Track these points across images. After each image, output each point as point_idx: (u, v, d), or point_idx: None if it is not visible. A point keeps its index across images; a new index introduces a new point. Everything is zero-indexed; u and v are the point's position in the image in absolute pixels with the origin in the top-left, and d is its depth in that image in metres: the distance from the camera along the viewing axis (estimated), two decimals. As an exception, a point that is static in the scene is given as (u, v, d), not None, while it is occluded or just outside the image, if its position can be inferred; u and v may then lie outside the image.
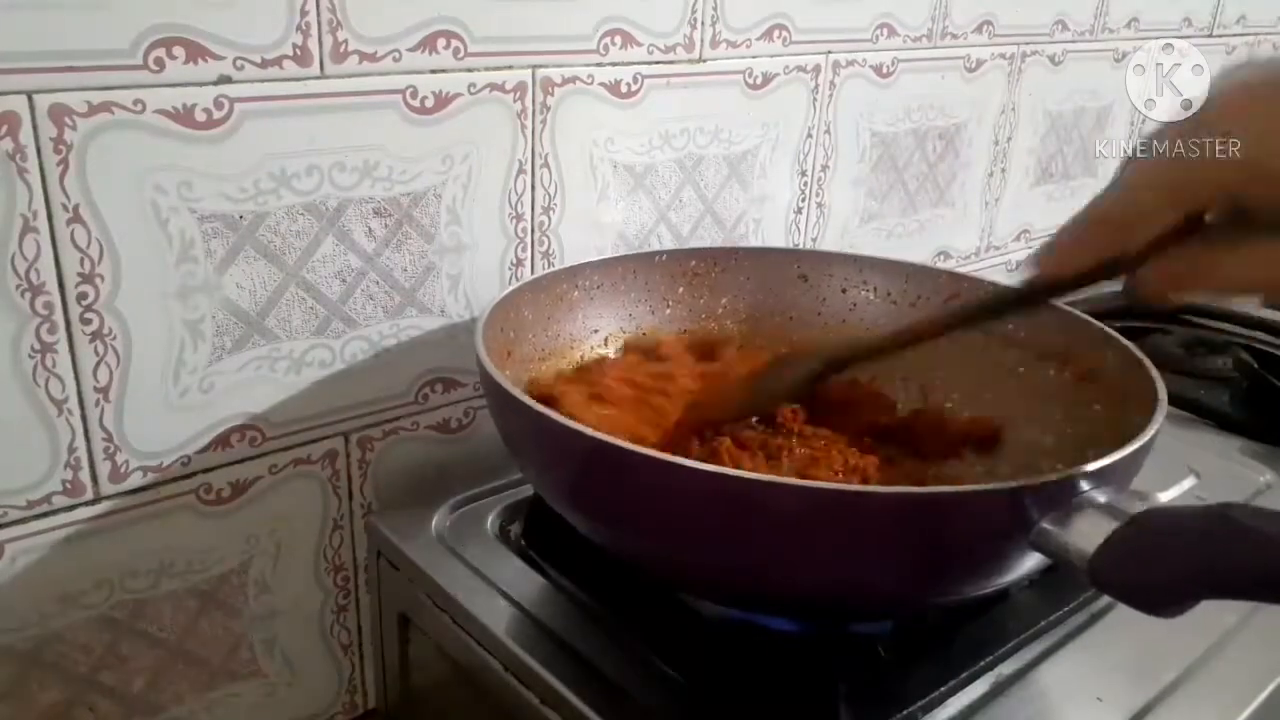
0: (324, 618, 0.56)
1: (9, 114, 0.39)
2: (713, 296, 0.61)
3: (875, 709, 0.41)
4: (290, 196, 0.47)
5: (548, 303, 0.55)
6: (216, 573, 0.51)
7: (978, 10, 0.76)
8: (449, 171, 0.52)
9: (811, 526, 0.35)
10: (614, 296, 0.59)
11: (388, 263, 0.51)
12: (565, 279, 0.56)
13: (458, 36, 0.50)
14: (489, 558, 0.50)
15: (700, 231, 0.65)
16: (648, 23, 0.57)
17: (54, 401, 0.43)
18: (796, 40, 0.65)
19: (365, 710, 0.59)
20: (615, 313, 0.59)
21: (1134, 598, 0.32)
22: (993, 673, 0.44)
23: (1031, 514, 0.34)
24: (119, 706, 0.49)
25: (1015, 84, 0.83)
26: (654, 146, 0.60)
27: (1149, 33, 0.92)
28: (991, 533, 0.36)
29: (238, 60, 0.43)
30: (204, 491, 0.49)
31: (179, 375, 0.46)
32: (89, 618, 0.47)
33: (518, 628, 0.45)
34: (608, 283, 0.58)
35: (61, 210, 0.41)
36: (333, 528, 0.54)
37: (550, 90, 0.54)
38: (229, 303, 0.47)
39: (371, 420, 0.54)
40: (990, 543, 0.36)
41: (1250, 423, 0.68)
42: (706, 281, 0.61)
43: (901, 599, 0.41)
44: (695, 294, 0.61)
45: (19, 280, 0.41)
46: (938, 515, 0.35)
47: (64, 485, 0.45)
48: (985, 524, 0.35)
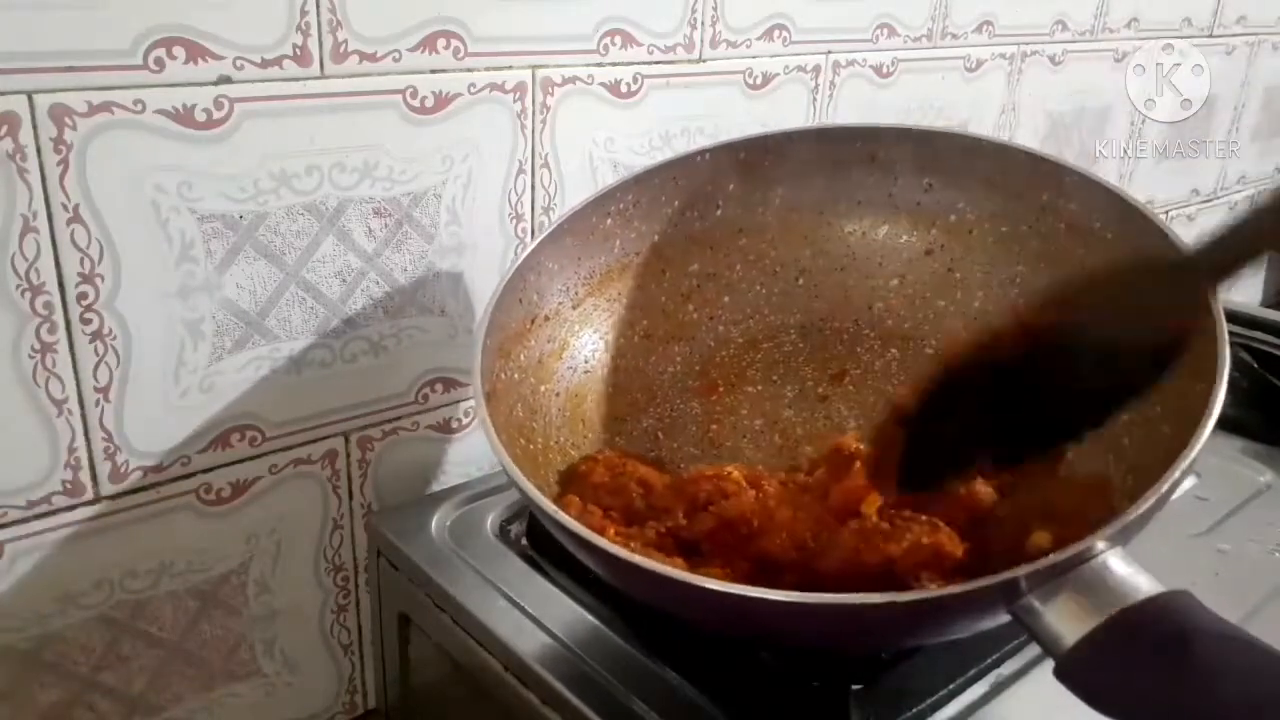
0: (324, 618, 0.56)
1: (9, 114, 0.39)
2: (767, 187, 0.55)
3: (882, 709, 0.41)
4: (290, 196, 0.47)
5: (575, 244, 0.51)
6: (216, 573, 0.51)
7: (978, 10, 0.76)
8: (449, 171, 0.52)
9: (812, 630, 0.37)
10: (654, 210, 0.54)
11: (388, 263, 0.51)
12: (594, 211, 0.52)
13: (457, 36, 0.50)
14: (489, 558, 0.50)
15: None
16: (648, 23, 0.57)
17: (54, 401, 0.43)
18: (796, 40, 0.65)
19: (365, 710, 0.59)
20: (660, 228, 0.54)
21: (1096, 705, 0.31)
22: (993, 673, 0.44)
23: (1021, 589, 0.33)
24: (119, 706, 0.49)
25: (1015, 84, 0.83)
26: (654, 147, 0.60)
27: (1149, 33, 0.92)
28: (978, 615, 0.35)
29: (238, 60, 0.43)
30: (204, 491, 0.49)
31: (179, 375, 0.46)
32: (89, 618, 0.47)
33: (518, 628, 0.45)
34: (646, 199, 0.53)
35: (61, 210, 0.41)
36: (333, 528, 0.54)
37: (550, 90, 0.54)
38: (229, 302, 0.47)
39: (371, 420, 0.54)
40: (974, 620, 0.36)
41: (1250, 423, 0.68)
42: (759, 171, 0.55)
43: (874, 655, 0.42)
44: (749, 186, 0.55)
45: (19, 280, 0.41)
46: (933, 611, 0.34)
47: (64, 485, 0.44)
48: (974, 609, 0.35)
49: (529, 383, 0.50)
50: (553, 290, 0.51)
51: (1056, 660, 0.32)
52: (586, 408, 0.53)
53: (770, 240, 0.56)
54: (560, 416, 0.51)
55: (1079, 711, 0.43)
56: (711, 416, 0.56)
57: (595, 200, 0.52)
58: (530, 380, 0.50)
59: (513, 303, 0.48)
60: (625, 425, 0.54)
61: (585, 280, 0.53)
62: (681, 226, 0.55)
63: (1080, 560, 0.32)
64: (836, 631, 0.37)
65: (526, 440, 0.48)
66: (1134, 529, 0.34)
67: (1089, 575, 0.32)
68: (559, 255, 0.51)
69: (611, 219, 0.53)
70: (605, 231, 0.53)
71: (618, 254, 0.54)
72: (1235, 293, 1.22)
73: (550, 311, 0.51)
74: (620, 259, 0.54)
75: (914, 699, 0.42)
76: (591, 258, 0.53)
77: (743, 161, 0.54)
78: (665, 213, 0.54)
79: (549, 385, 0.51)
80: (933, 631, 0.38)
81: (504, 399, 0.47)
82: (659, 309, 0.56)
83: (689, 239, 0.55)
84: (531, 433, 0.49)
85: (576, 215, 0.51)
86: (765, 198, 0.56)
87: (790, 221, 0.56)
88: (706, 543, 0.44)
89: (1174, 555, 0.52)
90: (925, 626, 0.37)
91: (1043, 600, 0.32)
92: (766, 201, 0.56)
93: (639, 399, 0.55)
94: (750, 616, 0.36)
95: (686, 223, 0.55)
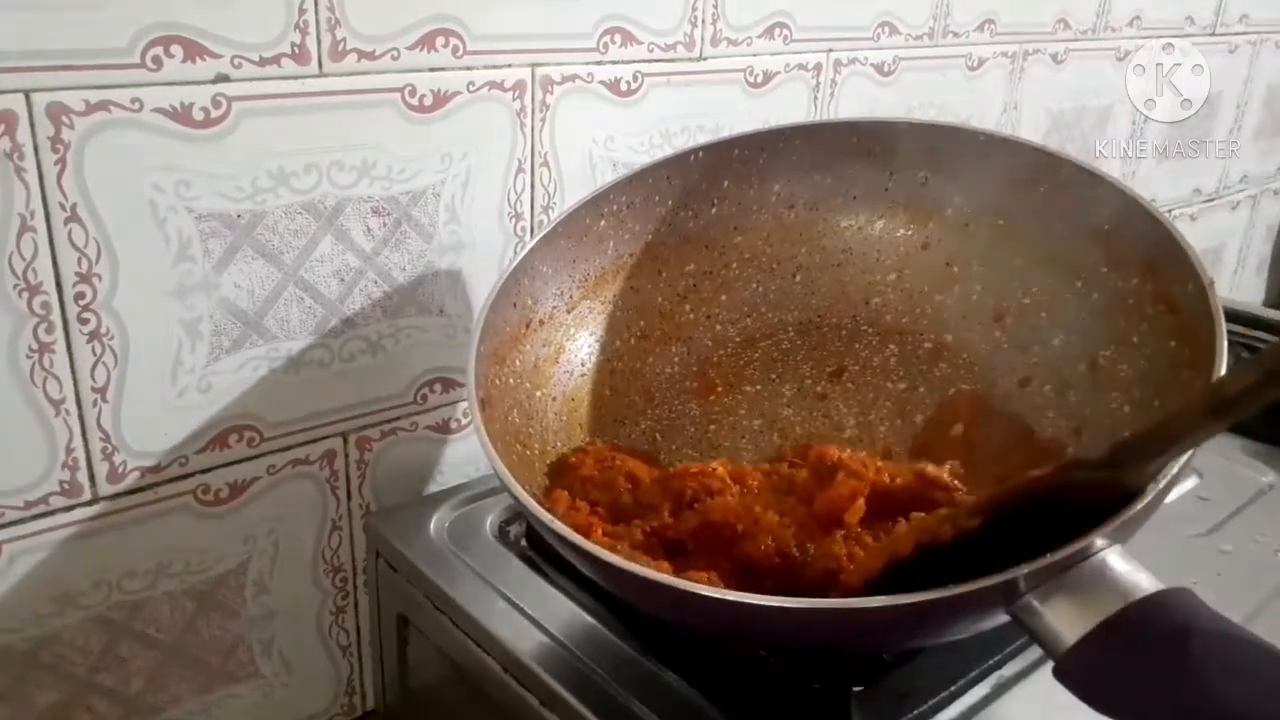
0: (322, 619, 0.56)
1: (6, 113, 0.39)
2: (763, 184, 0.55)
3: (884, 710, 0.41)
4: (288, 195, 0.47)
5: (568, 247, 0.51)
6: (214, 573, 0.50)
7: (979, 9, 0.76)
8: (448, 170, 0.52)
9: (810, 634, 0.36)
10: (648, 210, 0.53)
11: (386, 262, 0.51)
12: (587, 213, 0.51)
13: (456, 35, 0.49)
14: (488, 559, 0.49)
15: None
16: (648, 21, 0.57)
17: (51, 401, 0.43)
18: (797, 38, 0.65)
19: (364, 711, 0.59)
20: (654, 227, 0.54)
21: (1095, 705, 0.31)
22: (994, 675, 0.43)
23: (1020, 589, 0.32)
24: (117, 707, 0.49)
25: (1017, 83, 0.83)
26: (654, 145, 0.60)
27: (1151, 32, 0.92)
28: (977, 615, 0.35)
29: (235, 59, 0.43)
30: (202, 492, 0.49)
31: (177, 375, 0.46)
32: (87, 618, 0.47)
33: (517, 629, 0.45)
34: (639, 199, 0.53)
35: (59, 209, 0.41)
36: (331, 528, 0.54)
37: (549, 89, 0.54)
38: (227, 302, 0.47)
39: (370, 420, 0.54)
40: (975, 621, 0.36)
41: (1250, 423, 0.68)
42: (753, 168, 0.54)
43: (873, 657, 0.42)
44: (743, 184, 0.55)
45: (16, 280, 0.41)
46: (934, 613, 0.34)
47: (61, 486, 0.44)
48: (974, 610, 0.34)
49: (524, 388, 0.50)
50: (547, 294, 0.51)
51: (1056, 660, 0.32)
52: (583, 412, 0.53)
53: (766, 237, 0.56)
54: (557, 421, 0.51)
55: (1080, 713, 0.43)
56: (710, 417, 0.55)
57: (588, 202, 0.51)
58: (526, 385, 0.50)
59: (507, 307, 0.48)
60: (623, 428, 0.54)
61: (580, 283, 0.53)
62: (676, 226, 0.54)
63: (1079, 558, 0.32)
64: (836, 635, 0.37)
65: (523, 446, 0.48)
66: (1133, 526, 0.33)
67: (1088, 573, 0.32)
68: (553, 258, 0.51)
69: (605, 220, 0.52)
70: (599, 233, 0.52)
71: (612, 256, 0.53)
72: (1236, 293, 1.22)
73: (545, 316, 0.51)
74: (615, 261, 0.54)
75: (915, 700, 0.41)
76: (586, 260, 0.52)
77: (737, 159, 0.54)
78: (659, 212, 0.54)
79: (545, 390, 0.51)
80: (933, 633, 0.38)
81: (499, 405, 0.47)
82: (655, 309, 0.55)
83: (684, 238, 0.55)
84: (528, 438, 0.49)
85: (570, 218, 0.51)
86: (760, 195, 0.55)
87: (786, 218, 0.56)
88: (691, 542, 0.44)
89: (1176, 556, 0.51)
90: (926, 628, 0.37)
91: (1041, 600, 0.32)
92: (762, 199, 0.55)
93: (636, 401, 0.54)
94: (747, 622, 0.36)
95: (681, 222, 0.54)
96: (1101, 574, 0.32)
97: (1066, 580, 0.32)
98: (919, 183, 0.54)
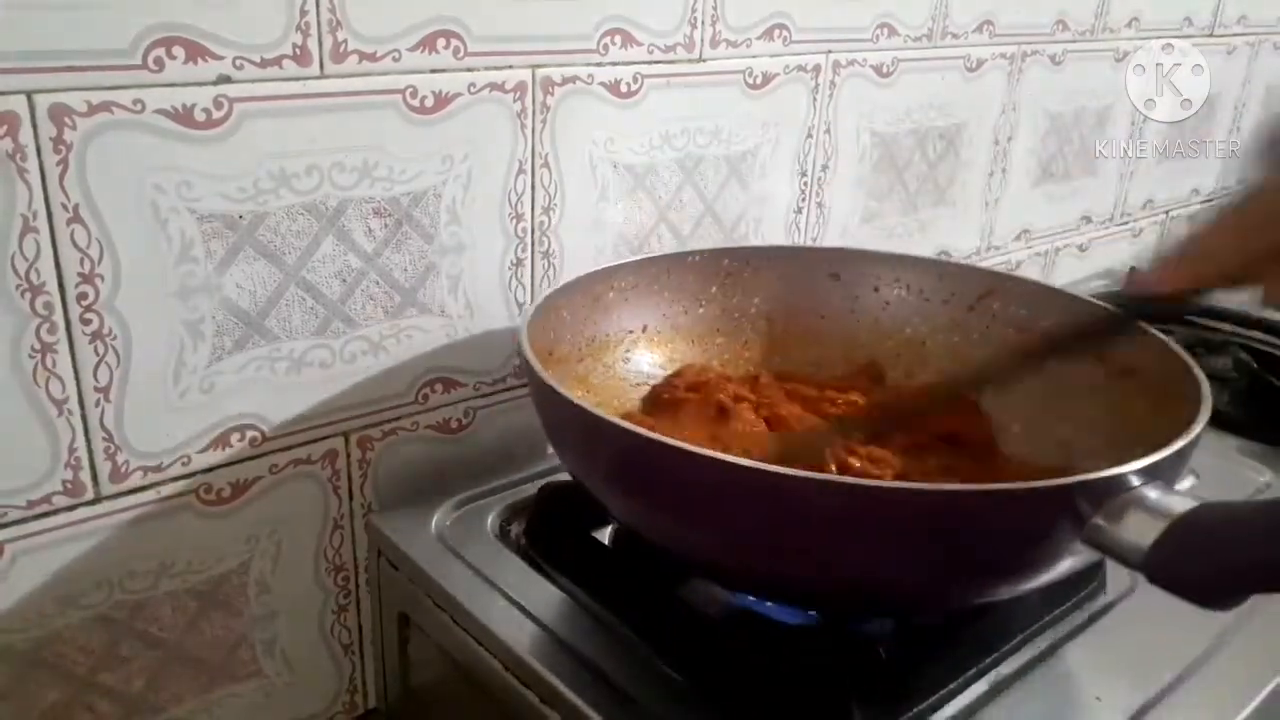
0: (324, 618, 0.56)
1: (9, 114, 0.39)
2: (745, 296, 0.62)
3: (882, 710, 0.41)
4: (290, 196, 0.47)
5: (584, 304, 0.56)
6: (216, 573, 0.51)
7: (978, 10, 0.76)
8: (449, 171, 0.52)
9: (857, 525, 0.36)
10: (648, 296, 0.60)
11: (387, 263, 0.51)
12: (601, 280, 0.57)
13: (457, 36, 0.50)
14: (489, 558, 0.50)
15: (700, 231, 0.65)
16: (648, 22, 0.57)
17: (54, 401, 0.43)
18: (796, 40, 0.65)
19: (365, 710, 0.59)
20: (650, 312, 0.60)
21: (1189, 592, 0.33)
22: (992, 673, 0.44)
23: (1085, 510, 0.35)
24: (118, 707, 0.49)
25: (1016, 84, 0.83)
26: (654, 146, 0.60)
27: (1150, 32, 0.92)
28: (1045, 529, 0.36)
29: (237, 60, 0.43)
30: (204, 491, 0.49)
31: (179, 375, 0.46)
32: (89, 618, 0.47)
33: (518, 627, 0.45)
34: (642, 283, 0.59)
35: (61, 210, 0.41)
36: (333, 528, 0.54)
37: (550, 90, 0.54)
38: (229, 303, 0.47)
39: (371, 420, 0.54)
40: (1042, 541, 0.36)
41: (1249, 423, 0.68)
42: (739, 281, 0.62)
43: (942, 596, 0.42)
44: (728, 293, 0.62)
45: (19, 280, 0.41)
46: (994, 511, 0.36)
47: (64, 485, 0.45)
48: (1039, 521, 0.36)
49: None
50: (564, 339, 0.55)
51: (1137, 566, 0.34)
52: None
53: (745, 343, 0.63)
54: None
55: (1080, 713, 0.43)
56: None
57: (600, 272, 0.57)
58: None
59: (544, 323, 0.51)
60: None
61: (588, 342, 0.57)
62: (670, 317, 0.61)
63: (1126, 486, 0.35)
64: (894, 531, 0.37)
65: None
66: (1164, 467, 0.37)
67: (1138, 499, 0.35)
68: (572, 307, 0.55)
69: (614, 293, 0.58)
70: (607, 304, 0.58)
71: (615, 327, 0.59)
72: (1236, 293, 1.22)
73: (561, 355, 0.54)
74: (617, 334, 0.59)
75: (915, 699, 0.42)
76: (594, 324, 0.57)
77: (726, 268, 0.62)
78: (655, 301, 0.60)
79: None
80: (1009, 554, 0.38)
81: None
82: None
83: (675, 329, 0.61)
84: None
85: (586, 279, 0.56)
86: (742, 305, 0.63)
87: (762, 329, 0.63)
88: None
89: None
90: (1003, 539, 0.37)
91: (1109, 519, 0.35)
92: (743, 309, 0.63)
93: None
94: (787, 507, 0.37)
95: (674, 315, 0.61)
96: (1148, 498, 0.35)
97: (1118, 505, 0.35)
98: (881, 307, 0.62)
